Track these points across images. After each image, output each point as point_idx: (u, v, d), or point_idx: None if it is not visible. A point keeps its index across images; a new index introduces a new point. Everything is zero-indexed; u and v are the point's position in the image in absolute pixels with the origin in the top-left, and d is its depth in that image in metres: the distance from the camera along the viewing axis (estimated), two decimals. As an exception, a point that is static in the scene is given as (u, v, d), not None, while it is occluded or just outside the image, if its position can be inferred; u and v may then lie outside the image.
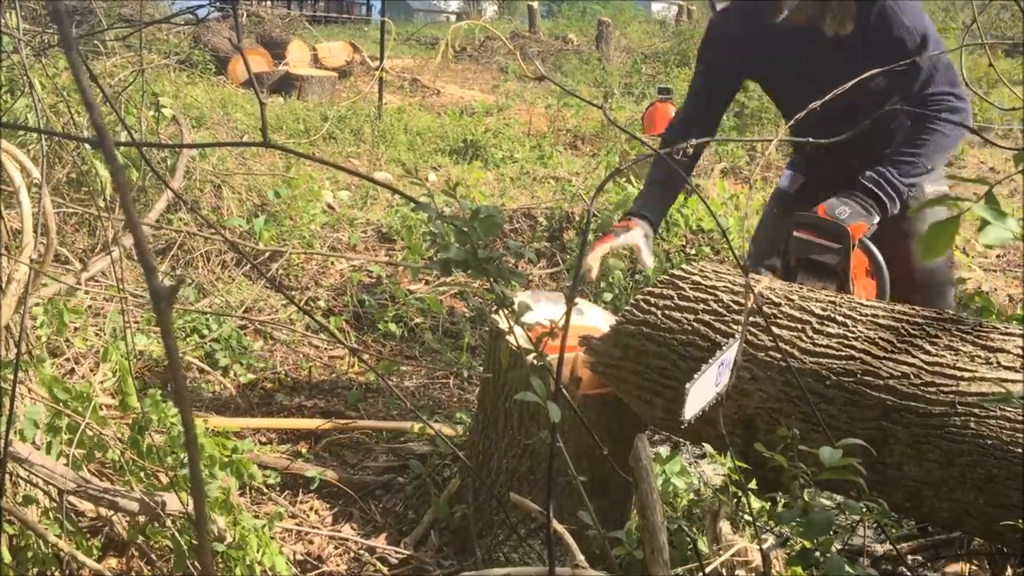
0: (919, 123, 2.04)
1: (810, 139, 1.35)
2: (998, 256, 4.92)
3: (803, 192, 2.36)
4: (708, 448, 1.96)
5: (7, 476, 1.67)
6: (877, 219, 2.01)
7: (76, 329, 2.93)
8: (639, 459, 1.44)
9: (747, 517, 1.82)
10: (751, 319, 1.73)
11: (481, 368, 2.82)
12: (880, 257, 2.11)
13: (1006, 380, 1.48)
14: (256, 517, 1.95)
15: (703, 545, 1.74)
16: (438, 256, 1.10)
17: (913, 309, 1.71)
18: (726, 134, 6.45)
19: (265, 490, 2.33)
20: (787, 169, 2.51)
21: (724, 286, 1.84)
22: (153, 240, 3.89)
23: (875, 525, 1.75)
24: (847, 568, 1.22)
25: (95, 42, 5.33)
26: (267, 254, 3.92)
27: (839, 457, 1.24)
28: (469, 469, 2.11)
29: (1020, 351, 1.53)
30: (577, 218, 4.69)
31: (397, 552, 2.13)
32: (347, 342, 3.27)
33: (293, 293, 3.73)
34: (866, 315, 1.69)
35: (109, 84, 4.17)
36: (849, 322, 1.68)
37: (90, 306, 3.20)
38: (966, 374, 1.52)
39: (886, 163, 2.04)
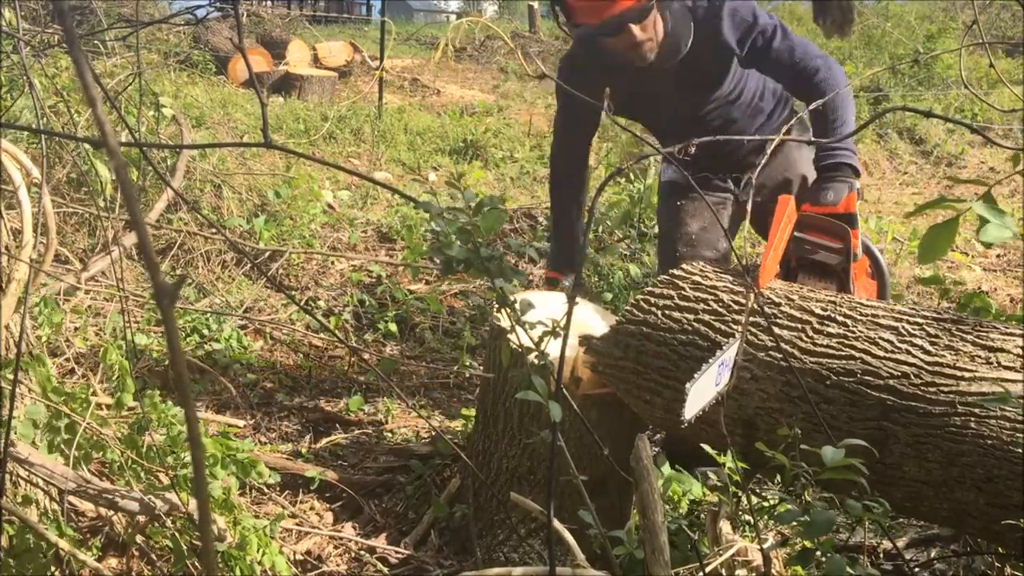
0: (813, 94, 2.15)
1: (813, 139, 1.36)
2: (998, 256, 4.92)
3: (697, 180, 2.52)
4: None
5: (7, 476, 1.66)
6: (857, 182, 2.07)
7: (76, 329, 2.93)
8: (639, 459, 1.44)
9: (747, 517, 1.82)
10: (750, 319, 1.73)
11: (481, 368, 2.82)
12: (881, 258, 2.11)
13: (1006, 380, 1.48)
14: (256, 517, 1.95)
15: (703, 545, 1.74)
16: (441, 253, 1.10)
17: (913, 309, 1.71)
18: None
19: (265, 490, 2.33)
20: (666, 163, 2.73)
21: (724, 286, 1.84)
22: (153, 240, 3.89)
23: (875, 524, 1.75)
24: (848, 568, 1.22)
25: (95, 42, 5.33)
26: (267, 254, 3.92)
27: (841, 457, 1.24)
28: (469, 469, 2.11)
29: (1020, 351, 1.53)
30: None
31: (397, 552, 2.13)
32: (347, 342, 3.27)
33: (293, 293, 3.73)
34: (866, 315, 1.69)
35: (109, 84, 4.17)
36: (849, 322, 1.68)
37: (90, 306, 3.20)
38: (966, 374, 1.52)
39: (824, 137, 2.12)
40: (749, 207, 1.98)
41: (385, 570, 2.08)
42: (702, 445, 1.87)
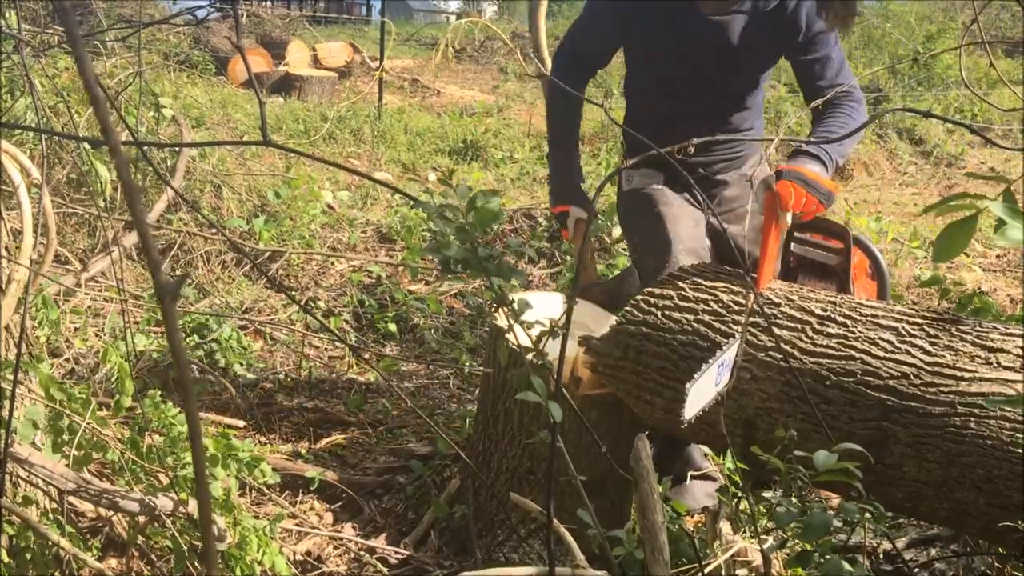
0: (836, 110, 2.14)
1: (812, 140, 1.35)
2: (998, 256, 4.92)
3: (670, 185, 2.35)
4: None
5: (7, 476, 1.66)
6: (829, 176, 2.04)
7: (76, 329, 2.93)
8: (639, 459, 1.44)
9: (747, 517, 1.82)
10: (750, 319, 1.73)
11: (481, 368, 2.82)
12: (881, 258, 2.11)
13: (1006, 380, 1.48)
14: (256, 517, 1.95)
15: (703, 545, 1.74)
16: (439, 253, 1.10)
17: (913, 309, 1.71)
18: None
19: (265, 490, 2.33)
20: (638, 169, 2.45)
21: (724, 286, 1.84)
22: (153, 240, 3.88)
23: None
24: (848, 567, 1.22)
25: (95, 42, 5.33)
26: (267, 254, 3.92)
27: (833, 461, 1.25)
28: (469, 469, 2.11)
29: (1020, 351, 1.52)
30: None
31: (397, 552, 2.13)
32: (348, 341, 3.27)
33: (293, 293, 3.73)
34: (866, 315, 1.69)
35: (109, 84, 4.17)
36: (849, 322, 1.68)
37: (90, 306, 3.20)
38: (966, 374, 1.52)
39: (819, 139, 2.07)
40: (753, 185, 1.96)
41: (385, 570, 2.08)
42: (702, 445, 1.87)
